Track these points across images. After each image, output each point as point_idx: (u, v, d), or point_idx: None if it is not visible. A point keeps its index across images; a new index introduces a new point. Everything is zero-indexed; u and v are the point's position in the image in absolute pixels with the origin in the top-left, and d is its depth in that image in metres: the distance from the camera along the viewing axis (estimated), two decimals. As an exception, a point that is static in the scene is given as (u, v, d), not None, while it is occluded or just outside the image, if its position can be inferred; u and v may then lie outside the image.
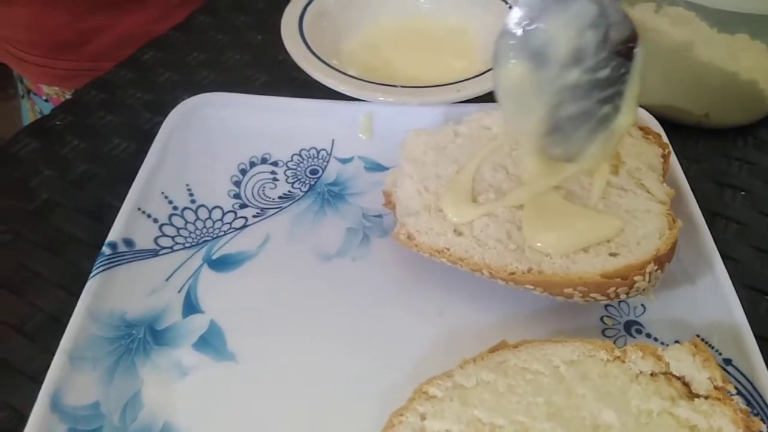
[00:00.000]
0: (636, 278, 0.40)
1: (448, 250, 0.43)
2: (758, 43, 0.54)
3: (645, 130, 0.50)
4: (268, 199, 0.52)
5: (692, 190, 0.49)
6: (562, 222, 0.43)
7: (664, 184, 0.46)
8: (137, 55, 0.69)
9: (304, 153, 0.56)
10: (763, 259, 0.51)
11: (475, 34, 0.66)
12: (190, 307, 0.45)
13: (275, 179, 0.54)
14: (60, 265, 0.49)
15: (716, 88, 0.58)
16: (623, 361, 0.38)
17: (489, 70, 0.57)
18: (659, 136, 0.49)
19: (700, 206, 0.48)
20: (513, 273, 0.41)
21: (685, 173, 0.50)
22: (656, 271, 0.41)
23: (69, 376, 0.39)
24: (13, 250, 0.50)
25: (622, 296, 0.41)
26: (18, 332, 0.45)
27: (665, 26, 0.56)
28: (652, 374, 0.37)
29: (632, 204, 0.44)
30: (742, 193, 0.56)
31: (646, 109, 0.56)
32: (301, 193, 0.53)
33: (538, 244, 0.42)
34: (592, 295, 0.41)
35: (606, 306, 0.46)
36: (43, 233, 0.51)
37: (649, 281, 0.41)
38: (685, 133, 0.49)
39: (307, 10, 0.62)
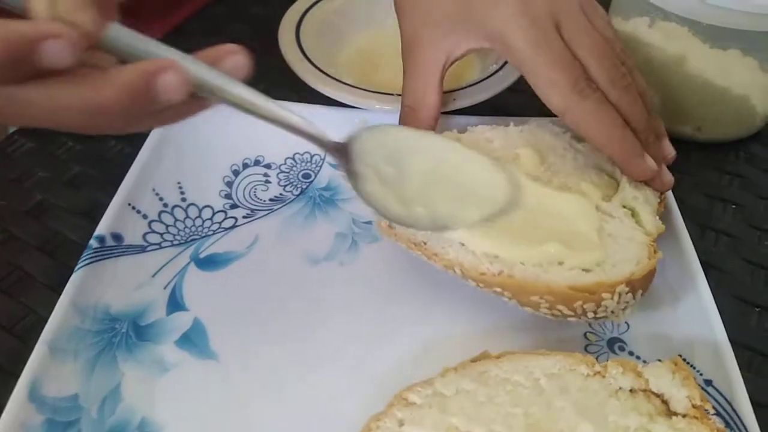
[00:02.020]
0: (604, 296, 0.40)
1: (425, 244, 0.43)
2: (750, 59, 0.55)
3: None
4: (259, 200, 0.53)
5: (683, 203, 0.50)
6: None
7: (657, 218, 0.45)
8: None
9: (297, 157, 0.56)
10: (753, 272, 0.51)
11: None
12: (175, 304, 0.45)
13: (267, 181, 0.54)
14: (53, 265, 0.49)
15: (708, 103, 0.58)
16: (603, 377, 0.38)
17: (485, 78, 0.58)
18: None
19: (691, 219, 0.49)
20: (483, 273, 0.41)
21: (676, 186, 0.50)
22: (627, 293, 0.40)
23: (49, 367, 0.39)
24: (5, 250, 0.50)
25: (590, 314, 0.41)
26: (9, 333, 0.45)
27: (658, 41, 0.57)
28: (631, 390, 0.37)
29: (616, 230, 0.44)
30: (733, 206, 0.57)
31: None
32: (293, 197, 0.53)
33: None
34: (558, 307, 0.41)
35: (590, 322, 0.46)
36: (36, 234, 0.51)
37: (618, 303, 0.40)
38: (677, 146, 0.49)
39: (305, 18, 0.62)
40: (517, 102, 0.62)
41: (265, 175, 0.54)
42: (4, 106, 0.29)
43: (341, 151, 0.39)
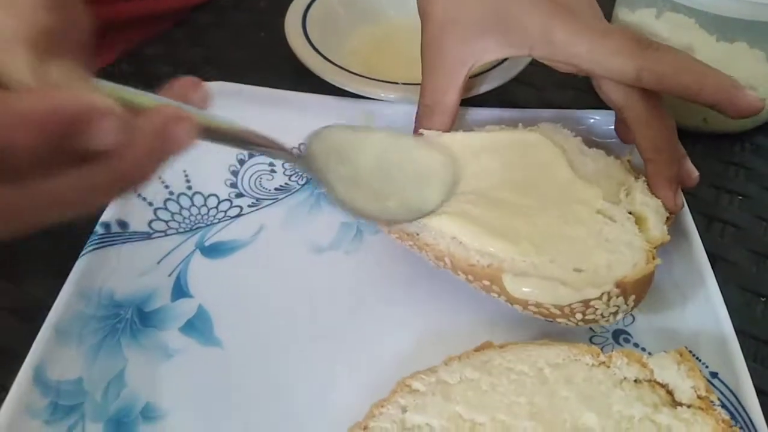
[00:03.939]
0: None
1: (418, 235, 0.43)
2: (757, 51, 0.55)
3: None
4: (264, 190, 0.53)
5: (689, 194, 0.49)
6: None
7: (665, 227, 0.44)
8: (138, 49, 0.69)
9: (303, 147, 0.56)
10: (759, 262, 0.51)
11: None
12: (180, 291, 0.45)
13: (273, 171, 0.54)
14: (57, 250, 0.49)
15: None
16: (608, 367, 0.38)
17: (494, 67, 0.57)
18: None
19: (697, 210, 0.48)
20: (473, 265, 0.41)
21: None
22: (618, 297, 0.39)
23: (53, 351, 0.39)
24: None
25: (578, 315, 0.40)
26: (14, 316, 0.45)
27: (665, 32, 0.57)
28: (636, 381, 0.37)
29: (615, 235, 0.43)
30: (739, 197, 0.56)
31: None
32: (298, 186, 0.53)
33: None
34: (546, 306, 0.40)
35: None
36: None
37: (607, 305, 0.40)
38: (683, 138, 0.49)
39: (311, 8, 0.62)
40: (523, 93, 0.63)
41: (271, 164, 0.54)
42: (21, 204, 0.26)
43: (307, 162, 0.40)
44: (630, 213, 0.45)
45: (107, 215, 0.46)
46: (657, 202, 0.45)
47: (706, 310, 0.44)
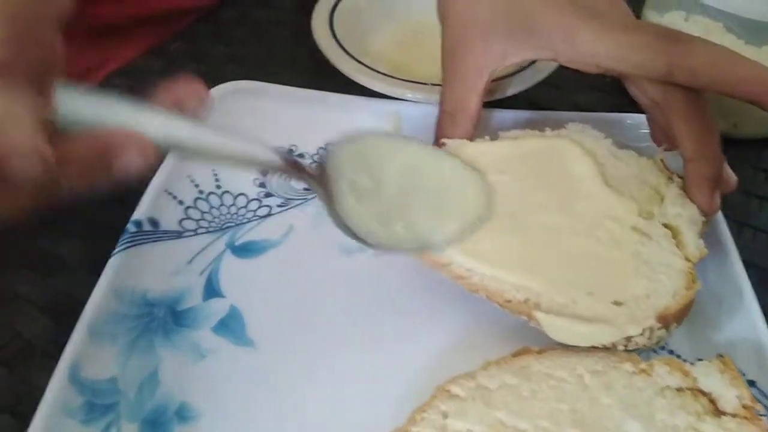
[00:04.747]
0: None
1: (449, 265, 0.42)
2: (786, 55, 0.54)
3: None
4: (293, 189, 0.52)
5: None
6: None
7: (701, 240, 0.43)
8: (163, 46, 0.69)
9: (322, 152, 0.55)
10: (791, 269, 0.50)
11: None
12: (211, 290, 0.45)
13: (301, 170, 0.53)
14: (88, 250, 0.48)
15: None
16: (649, 375, 0.38)
17: (522, 69, 0.57)
18: None
19: (727, 216, 0.48)
20: (509, 301, 0.40)
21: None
22: (659, 329, 0.39)
23: (87, 350, 0.39)
24: (41, 236, 0.50)
25: (619, 347, 0.39)
26: (46, 316, 0.45)
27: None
28: (678, 389, 0.37)
29: (653, 255, 0.42)
30: (770, 203, 0.56)
31: None
32: (327, 186, 0.53)
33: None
34: None
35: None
36: (70, 218, 0.50)
37: (650, 339, 0.39)
38: None
39: (338, 6, 0.62)
40: (550, 96, 0.62)
41: (299, 164, 0.54)
42: None
43: (319, 176, 0.39)
44: (665, 225, 0.44)
45: (139, 213, 0.46)
46: (691, 211, 0.44)
47: (742, 318, 0.43)
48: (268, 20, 0.74)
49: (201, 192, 0.50)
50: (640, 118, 0.54)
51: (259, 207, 0.51)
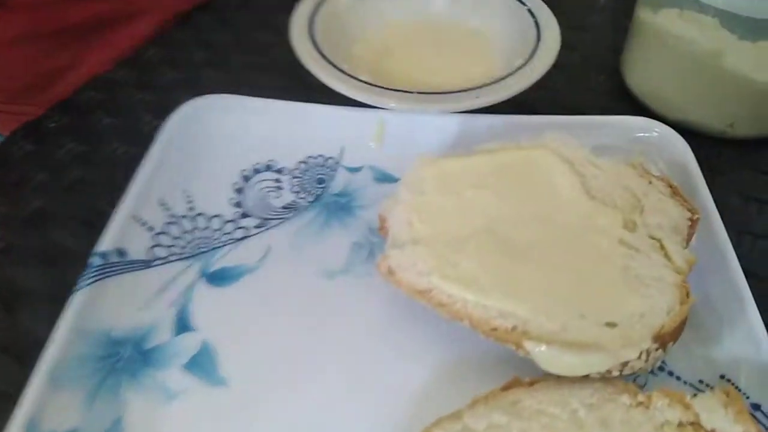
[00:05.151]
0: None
1: (430, 292, 0.39)
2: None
3: (674, 189, 0.45)
4: (271, 208, 0.49)
5: (716, 204, 0.46)
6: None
7: (686, 250, 0.41)
8: (139, 53, 0.66)
9: (311, 160, 0.53)
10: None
11: (492, 37, 0.63)
12: (182, 324, 0.42)
13: (279, 188, 0.51)
14: (52, 279, 0.46)
15: (742, 99, 0.55)
16: (647, 408, 0.35)
17: (509, 75, 0.54)
18: (687, 201, 0.44)
19: (725, 221, 0.45)
20: (495, 329, 0.37)
21: (708, 186, 0.47)
22: (656, 350, 0.36)
23: (47, 398, 0.36)
24: (2, 261, 0.47)
25: (615, 373, 0.36)
26: (5, 353, 0.42)
27: (689, 33, 0.54)
28: (678, 424, 0.34)
29: (644, 268, 0.39)
30: (771, 207, 0.53)
31: (665, 120, 0.53)
32: (306, 204, 0.50)
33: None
34: None
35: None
36: (35, 244, 0.48)
37: (646, 361, 0.36)
38: (707, 144, 0.46)
39: (318, 11, 0.59)
40: (543, 98, 0.59)
41: (277, 180, 0.51)
42: None
43: None
44: (651, 238, 0.41)
45: (104, 244, 0.43)
46: (672, 217, 0.42)
47: (744, 333, 0.41)
48: (250, 23, 0.71)
49: (172, 216, 0.48)
50: (623, 119, 0.53)
51: (235, 229, 0.48)
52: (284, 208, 0.50)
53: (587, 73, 0.65)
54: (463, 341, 0.41)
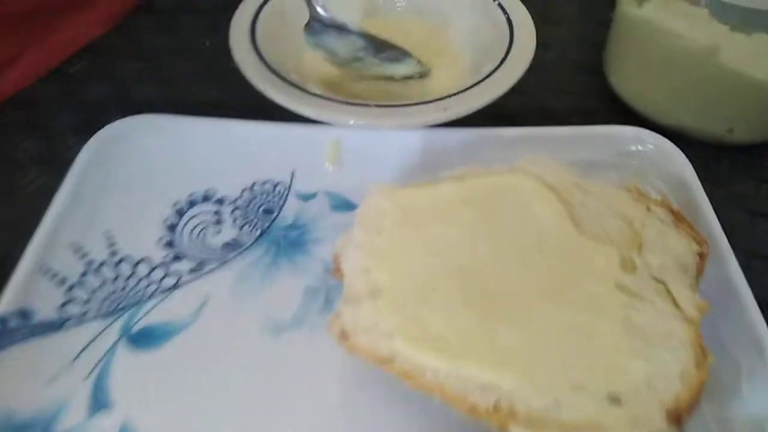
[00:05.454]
0: None
1: (393, 360, 0.32)
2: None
3: (677, 216, 0.38)
4: (208, 248, 0.42)
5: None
6: None
7: (697, 296, 0.34)
8: (64, 66, 0.58)
9: (257, 188, 0.46)
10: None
11: (457, 34, 0.56)
12: (99, 400, 0.35)
13: (219, 221, 0.44)
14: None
15: (740, 99, 0.49)
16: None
17: (479, 82, 0.47)
18: (692, 227, 0.38)
19: (732, 244, 0.39)
20: (474, 407, 0.30)
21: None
22: (670, 429, 0.30)
23: None
24: None
25: None
26: None
27: (679, 26, 0.47)
28: None
29: (648, 323, 0.33)
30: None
31: (656, 125, 0.47)
32: (251, 240, 0.43)
33: None
34: None
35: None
36: None
37: None
38: (704, 154, 0.40)
39: (262, 11, 0.51)
40: (515, 104, 0.52)
41: (217, 213, 0.44)
42: None
43: None
44: (654, 279, 0.35)
45: (3, 306, 0.36)
46: (678, 252, 0.36)
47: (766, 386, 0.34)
48: (193, 27, 0.63)
49: (89, 263, 0.40)
50: (613, 130, 0.46)
51: (165, 276, 0.41)
52: (225, 246, 0.43)
53: (564, 74, 0.58)
54: (441, 416, 0.34)
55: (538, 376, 0.31)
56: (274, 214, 0.44)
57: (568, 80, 0.41)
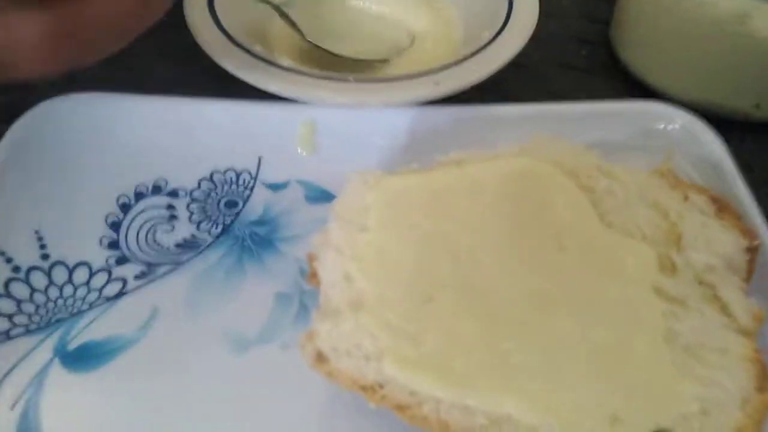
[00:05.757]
0: None
1: (381, 388, 0.27)
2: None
3: (720, 204, 0.32)
4: (160, 248, 0.37)
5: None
6: None
7: (752, 299, 0.29)
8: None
9: (217, 177, 0.40)
10: None
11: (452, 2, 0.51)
12: (27, 433, 0.29)
13: (173, 216, 0.38)
14: None
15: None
16: None
17: (475, 53, 0.42)
18: (738, 218, 0.32)
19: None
20: None
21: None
22: None
23: None
24: None
25: None
26: None
27: None
28: None
29: (696, 334, 0.27)
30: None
31: (673, 102, 0.42)
32: (211, 239, 0.37)
33: None
34: None
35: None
36: None
37: None
38: (729, 131, 0.37)
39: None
40: (517, 79, 0.47)
41: (170, 207, 0.38)
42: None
43: None
44: (699, 282, 0.30)
45: None
46: (723, 251, 0.30)
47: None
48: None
49: (16, 269, 0.35)
50: (634, 106, 0.41)
51: (107, 282, 0.35)
52: (179, 246, 0.37)
53: (567, 46, 0.54)
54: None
55: (563, 407, 0.25)
56: (238, 208, 0.39)
57: (570, 53, 0.37)
